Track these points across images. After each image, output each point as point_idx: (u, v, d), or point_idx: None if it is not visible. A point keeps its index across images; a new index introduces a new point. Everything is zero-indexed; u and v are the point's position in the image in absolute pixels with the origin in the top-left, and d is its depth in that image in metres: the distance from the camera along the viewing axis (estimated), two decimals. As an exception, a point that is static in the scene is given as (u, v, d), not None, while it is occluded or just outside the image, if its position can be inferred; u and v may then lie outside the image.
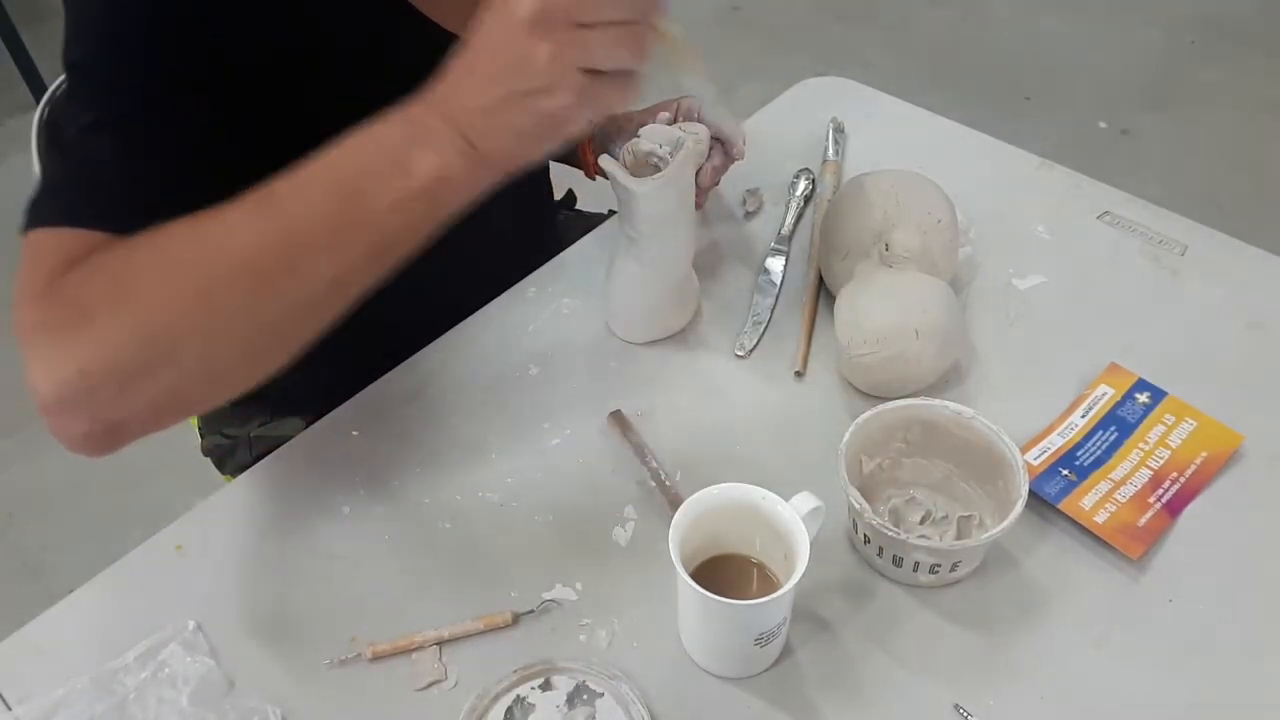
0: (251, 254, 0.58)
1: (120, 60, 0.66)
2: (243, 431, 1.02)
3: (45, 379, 0.58)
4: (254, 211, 0.58)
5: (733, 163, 0.94)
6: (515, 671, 0.69)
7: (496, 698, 0.68)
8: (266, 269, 0.58)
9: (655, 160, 0.82)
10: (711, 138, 0.93)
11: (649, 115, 0.94)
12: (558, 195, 1.23)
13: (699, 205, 0.90)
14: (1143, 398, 0.84)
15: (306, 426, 0.86)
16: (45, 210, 0.64)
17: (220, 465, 1.07)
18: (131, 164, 0.66)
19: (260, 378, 0.63)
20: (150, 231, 0.60)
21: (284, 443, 0.85)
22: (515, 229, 1.03)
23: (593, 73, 0.55)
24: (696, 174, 0.87)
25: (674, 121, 0.93)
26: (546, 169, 1.10)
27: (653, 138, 0.82)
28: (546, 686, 0.68)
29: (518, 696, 0.68)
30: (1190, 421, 0.82)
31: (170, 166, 0.67)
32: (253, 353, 0.62)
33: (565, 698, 0.68)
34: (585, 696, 0.68)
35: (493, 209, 0.96)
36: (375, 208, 0.58)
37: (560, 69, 0.55)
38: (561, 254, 1.00)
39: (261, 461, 0.84)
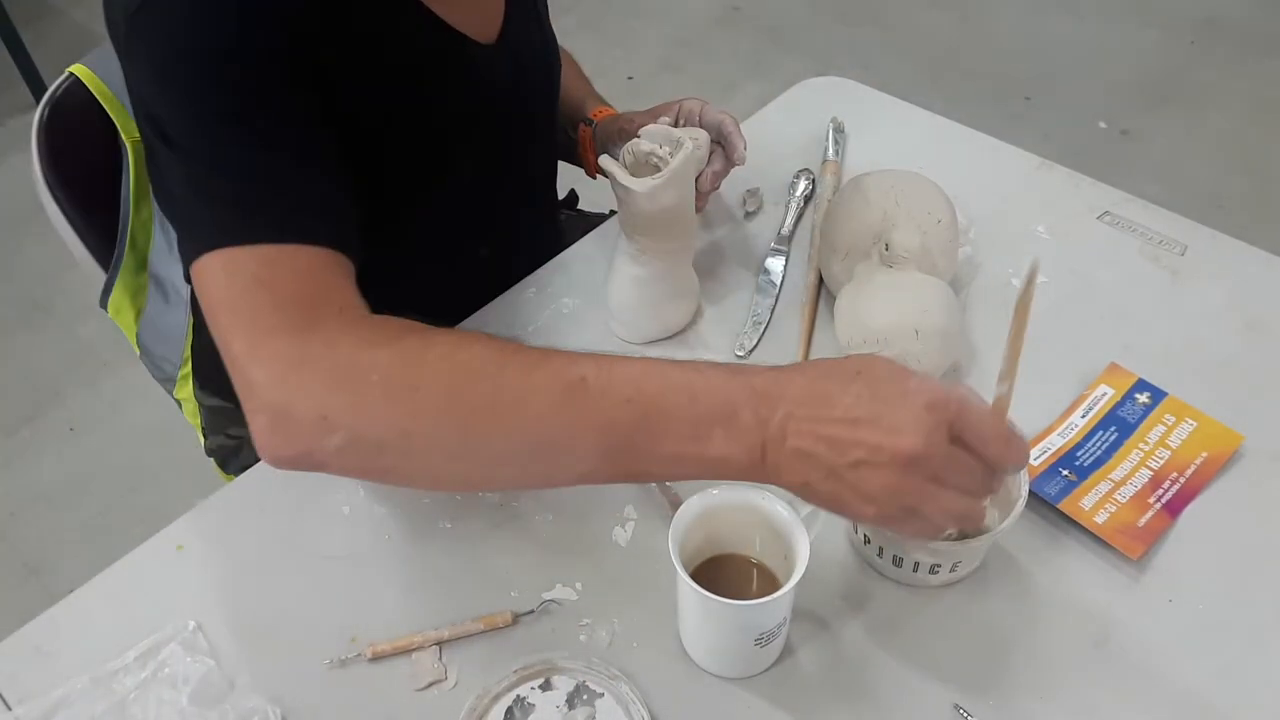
0: (534, 426, 0.59)
1: (242, 71, 0.67)
2: (246, 432, 1.02)
3: (286, 398, 0.60)
4: (560, 393, 0.59)
5: (733, 167, 0.94)
6: (515, 671, 0.69)
7: (496, 698, 0.68)
8: (537, 445, 0.60)
9: (655, 160, 0.82)
10: (712, 142, 0.93)
11: (649, 116, 0.95)
12: (560, 195, 1.23)
13: (699, 209, 0.90)
14: (1143, 398, 0.84)
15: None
16: (233, 229, 0.64)
17: (224, 465, 1.07)
18: (301, 180, 0.67)
19: (436, 490, 0.73)
20: (449, 333, 0.63)
21: (286, 444, 0.85)
22: (523, 229, 1.03)
23: (911, 510, 0.57)
24: (696, 178, 0.87)
25: (675, 124, 0.94)
26: (555, 171, 1.10)
27: (653, 138, 0.82)
28: (546, 686, 0.68)
29: (518, 696, 0.68)
30: (1190, 422, 0.82)
31: (326, 183, 0.69)
32: (473, 484, 0.70)
33: (565, 698, 0.68)
34: (585, 696, 0.68)
35: (495, 211, 0.96)
36: (657, 449, 0.59)
37: (890, 500, 0.56)
38: (561, 254, 1.00)
39: (262, 461, 0.84)
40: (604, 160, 0.82)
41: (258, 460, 0.91)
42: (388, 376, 0.60)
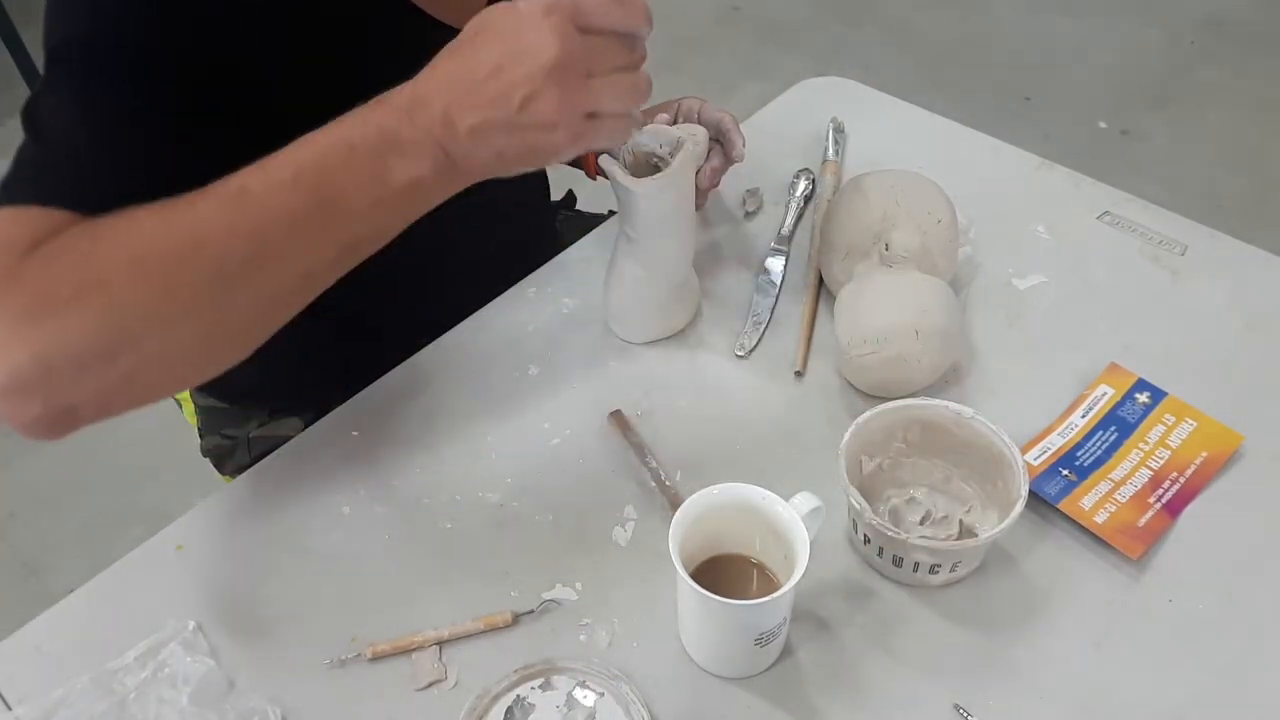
0: (221, 248, 0.58)
1: (103, 44, 0.65)
2: (242, 432, 1.03)
3: (1, 362, 0.56)
4: (226, 205, 0.58)
5: (732, 164, 0.94)
6: (515, 671, 0.69)
7: (496, 698, 0.68)
8: (236, 263, 0.58)
9: (655, 160, 0.82)
10: (711, 139, 0.93)
11: (648, 116, 0.95)
12: (558, 195, 1.23)
13: (699, 206, 0.90)
14: (1143, 398, 0.84)
15: (306, 427, 0.86)
16: (13, 189, 0.62)
17: (220, 466, 1.07)
18: (106, 147, 0.65)
19: (219, 369, 0.63)
20: (118, 216, 0.59)
21: (283, 443, 0.85)
22: (515, 230, 1.03)
23: (592, 115, 0.58)
24: (695, 175, 0.87)
25: (673, 122, 0.93)
26: (544, 171, 1.10)
27: (652, 137, 0.82)
28: (546, 686, 0.68)
29: (518, 696, 0.68)
30: (1190, 421, 0.82)
31: (145, 153, 0.67)
32: (214, 344, 0.62)
33: (565, 698, 0.68)
34: (585, 696, 0.68)
35: (494, 211, 0.96)
36: (349, 209, 0.59)
37: (567, 112, 0.57)
38: (561, 254, 1.00)
39: (261, 461, 0.84)
40: (604, 160, 0.81)
41: (253, 460, 0.92)
42: (74, 280, 0.57)
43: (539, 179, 1.07)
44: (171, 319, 0.58)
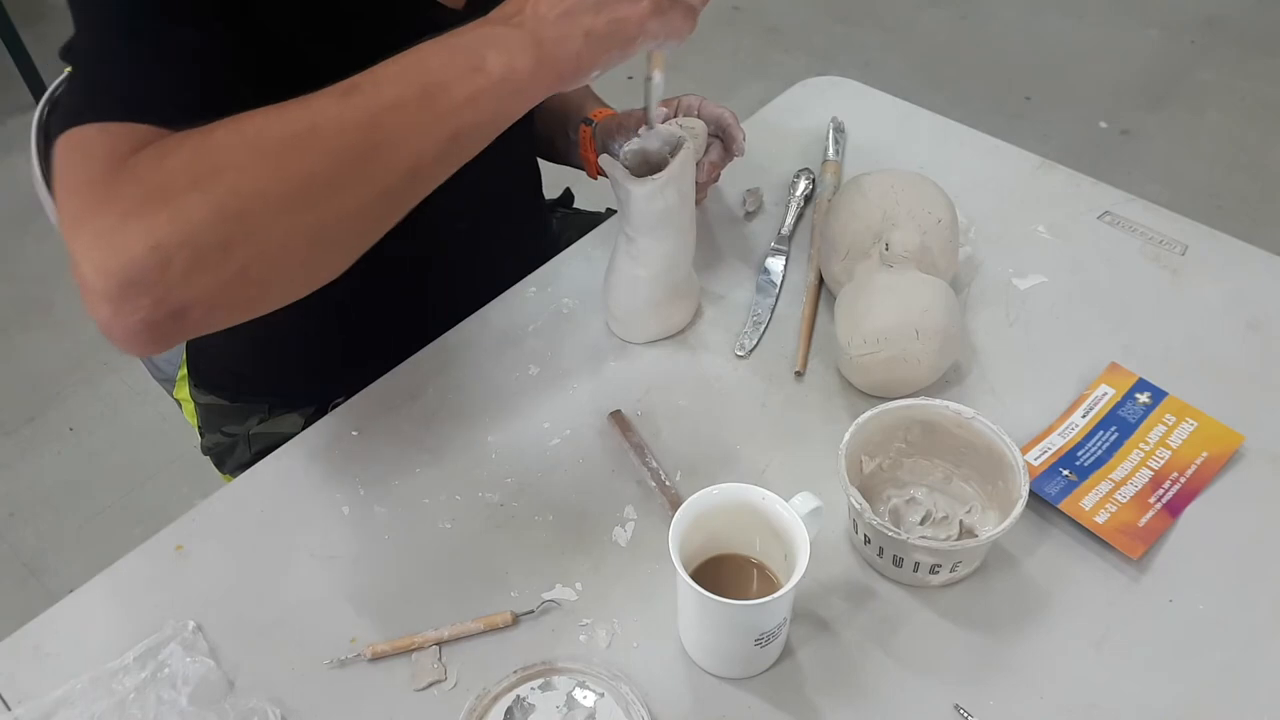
0: (337, 137, 0.59)
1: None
2: (242, 429, 1.03)
3: (109, 261, 0.55)
4: (338, 99, 0.60)
5: (732, 158, 0.94)
6: (515, 672, 0.69)
7: (496, 698, 0.68)
8: (351, 152, 0.59)
9: (655, 160, 0.82)
10: (711, 134, 0.93)
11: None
12: (555, 194, 1.23)
13: (698, 201, 0.90)
14: (1143, 398, 0.84)
15: (305, 424, 0.86)
16: (89, 109, 0.61)
17: (220, 464, 1.07)
18: (174, 71, 0.65)
19: (329, 275, 0.63)
20: (233, 117, 0.60)
21: (283, 440, 0.85)
22: (512, 230, 1.03)
23: None
24: (695, 171, 0.87)
25: (672, 117, 0.94)
26: (538, 173, 1.10)
27: (652, 137, 0.82)
28: (547, 687, 0.68)
29: (518, 697, 0.68)
30: (1190, 422, 0.82)
31: (202, 79, 0.66)
32: (328, 240, 0.62)
33: (565, 698, 0.68)
34: (585, 697, 0.68)
35: (487, 199, 0.96)
36: (452, 101, 0.61)
37: None
38: (561, 254, 1.00)
39: (261, 461, 0.84)
40: (604, 160, 0.82)
41: (254, 457, 0.91)
42: (191, 174, 0.57)
43: (534, 180, 1.07)
44: (289, 206, 0.58)
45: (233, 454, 1.04)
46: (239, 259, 0.57)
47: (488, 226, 0.97)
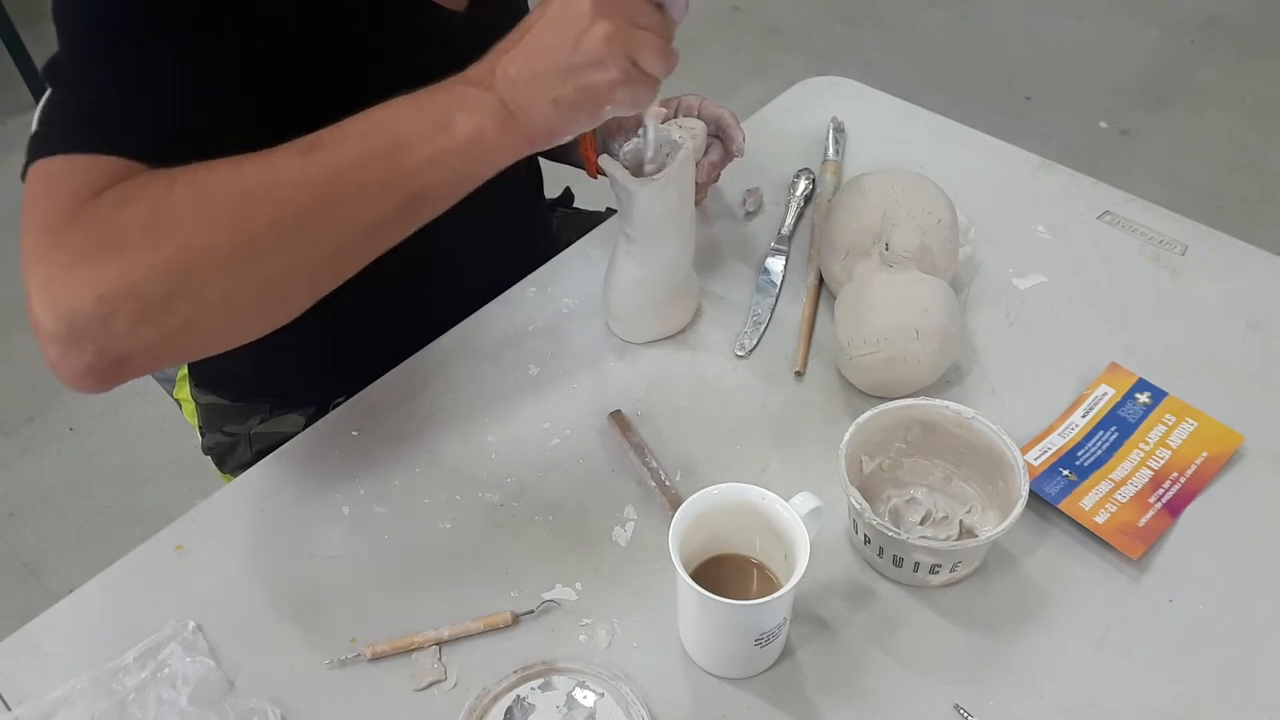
0: (293, 195, 0.59)
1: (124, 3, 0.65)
2: (243, 429, 1.03)
3: (58, 306, 0.56)
4: (297, 155, 0.60)
5: (732, 159, 0.94)
6: (515, 672, 0.69)
7: (496, 698, 0.68)
8: (306, 211, 0.59)
9: (655, 160, 0.82)
10: (710, 134, 0.93)
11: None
12: (555, 193, 1.23)
13: (698, 201, 0.90)
14: (1143, 398, 0.84)
15: (306, 423, 0.86)
16: (59, 139, 0.62)
17: (220, 463, 1.07)
18: (147, 96, 0.65)
19: (275, 325, 0.63)
20: (187, 167, 0.60)
21: (284, 440, 0.85)
22: (512, 229, 1.03)
23: (635, 64, 0.61)
24: (695, 171, 0.87)
25: (672, 117, 0.93)
26: (539, 174, 1.10)
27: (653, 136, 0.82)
28: (547, 687, 0.68)
29: (518, 697, 0.68)
30: (1190, 422, 0.82)
31: (181, 100, 0.66)
32: (276, 296, 0.62)
33: (565, 698, 0.68)
34: (585, 697, 0.68)
35: (487, 198, 0.96)
36: (415, 162, 0.61)
37: (614, 48, 0.60)
38: (561, 254, 1.00)
39: (261, 461, 0.84)
40: (604, 160, 0.82)
41: (255, 457, 0.91)
42: (145, 226, 0.57)
43: (535, 179, 1.07)
44: (237, 262, 0.58)
45: (234, 454, 1.04)
46: (183, 312, 0.58)
47: (488, 226, 0.97)
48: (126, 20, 0.65)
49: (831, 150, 1.08)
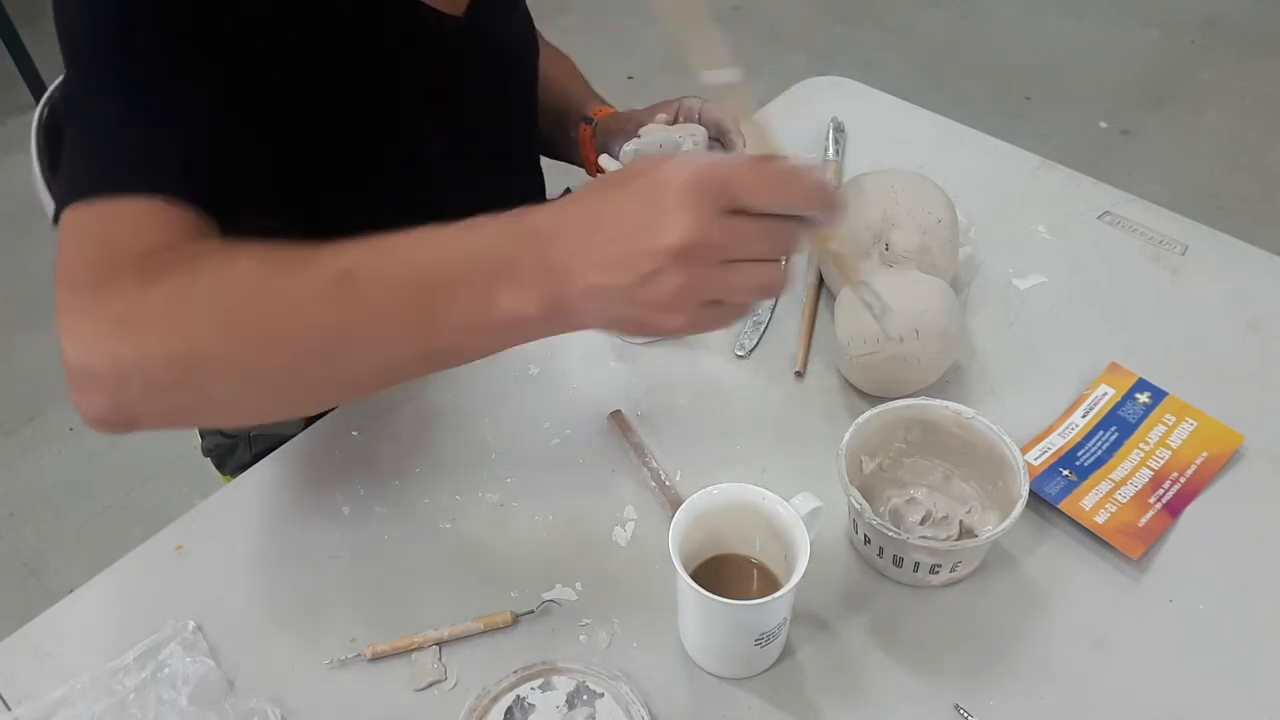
0: (313, 327, 0.57)
1: (135, 29, 0.65)
2: (242, 430, 1.03)
3: (81, 360, 0.58)
4: (327, 288, 0.57)
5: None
6: (515, 672, 0.69)
7: (496, 698, 0.68)
8: (323, 344, 0.58)
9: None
10: (710, 139, 0.93)
11: (649, 114, 0.95)
12: (555, 193, 1.23)
13: None
14: (1143, 398, 0.84)
15: (306, 424, 0.86)
16: (86, 182, 0.63)
17: (220, 465, 1.07)
18: (167, 127, 0.65)
19: (276, 419, 0.63)
20: (223, 255, 0.60)
21: (283, 440, 0.85)
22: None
23: (715, 302, 0.54)
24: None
25: (673, 121, 0.93)
26: (540, 169, 1.10)
27: (651, 137, 0.82)
28: (547, 687, 0.68)
29: (518, 697, 0.68)
30: (1190, 422, 0.82)
31: (202, 127, 0.67)
32: (279, 404, 0.62)
33: (565, 698, 0.68)
34: (585, 697, 0.68)
35: (494, 204, 0.96)
36: (446, 323, 0.56)
37: (686, 300, 0.53)
38: (562, 254, 1.00)
39: (261, 461, 0.84)
40: (604, 160, 0.82)
41: (254, 458, 0.92)
42: (164, 311, 0.58)
43: (535, 176, 1.08)
44: (244, 374, 0.59)
45: (233, 455, 1.04)
46: (186, 399, 0.60)
47: (502, 207, 0.98)
48: (137, 48, 0.65)
49: (831, 150, 1.08)
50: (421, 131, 0.85)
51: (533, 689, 0.68)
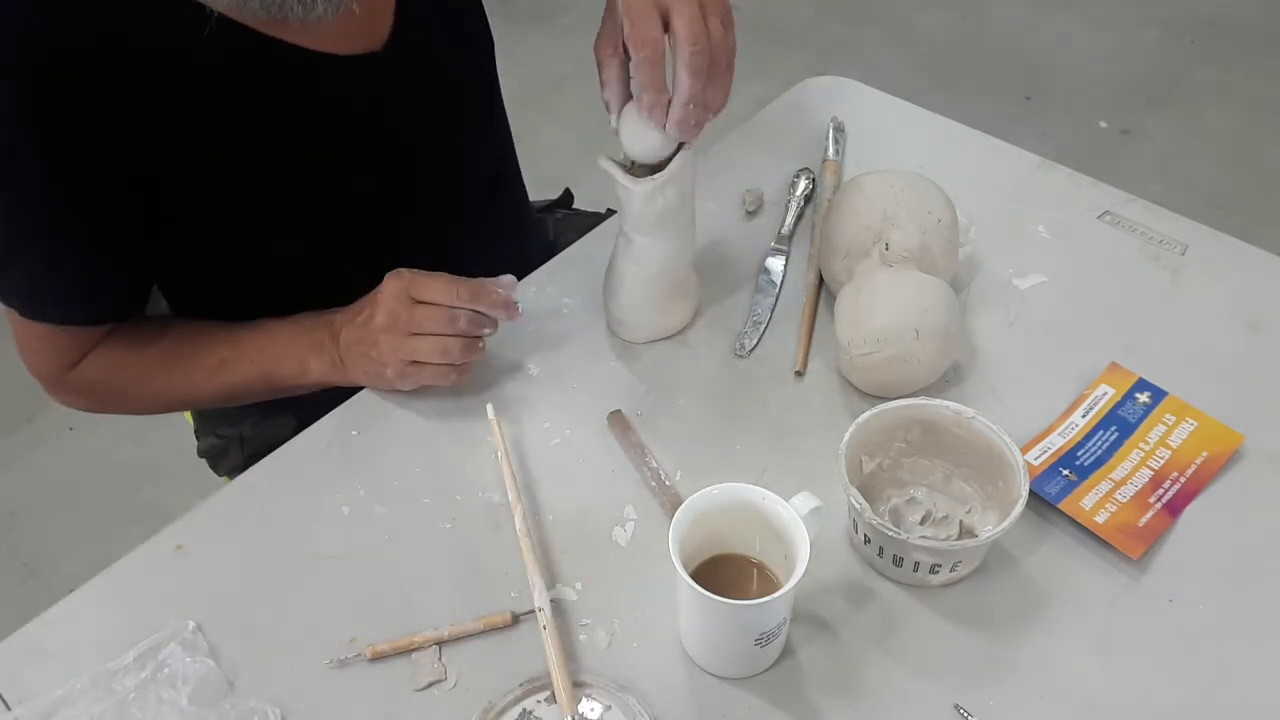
0: (203, 397, 0.92)
1: (18, 158, 0.73)
2: (235, 431, 1.03)
3: (57, 400, 0.94)
4: (210, 375, 0.88)
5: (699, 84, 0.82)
6: (521, 685, 0.68)
7: (502, 711, 0.67)
8: (204, 396, 0.92)
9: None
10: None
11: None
12: (555, 194, 1.23)
13: (692, 134, 0.80)
14: (1143, 398, 0.84)
15: (299, 425, 0.87)
16: (21, 305, 0.83)
17: (215, 466, 1.07)
18: (64, 273, 0.81)
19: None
20: (139, 351, 0.88)
21: (276, 443, 0.85)
22: (494, 216, 1.03)
23: (415, 362, 0.81)
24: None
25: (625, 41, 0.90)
26: (518, 174, 1.10)
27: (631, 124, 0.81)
28: (553, 700, 0.68)
29: (524, 710, 0.67)
30: (1190, 421, 0.82)
31: (102, 258, 0.82)
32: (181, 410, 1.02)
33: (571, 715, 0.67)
34: (592, 709, 0.67)
35: (465, 194, 0.98)
36: (281, 383, 0.89)
37: (392, 358, 0.81)
38: (561, 254, 1.00)
39: (261, 461, 0.84)
40: (603, 161, 0.81)
41: (247, 459, 0.92)
42: (101, 400, 0.94)
43: (509, 161, 1.07)
44: (158, 409, 0.98)
45: (226, 457, 1.05)
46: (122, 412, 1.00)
47: (469, 216, 0.98)
48: (14, 198, 0.76)
49: (831, 150, 1.08)
50: (350, 175, 0.87)
51: (539, 702, 0.68)
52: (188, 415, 1.10)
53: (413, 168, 0.92)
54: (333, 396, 0.87)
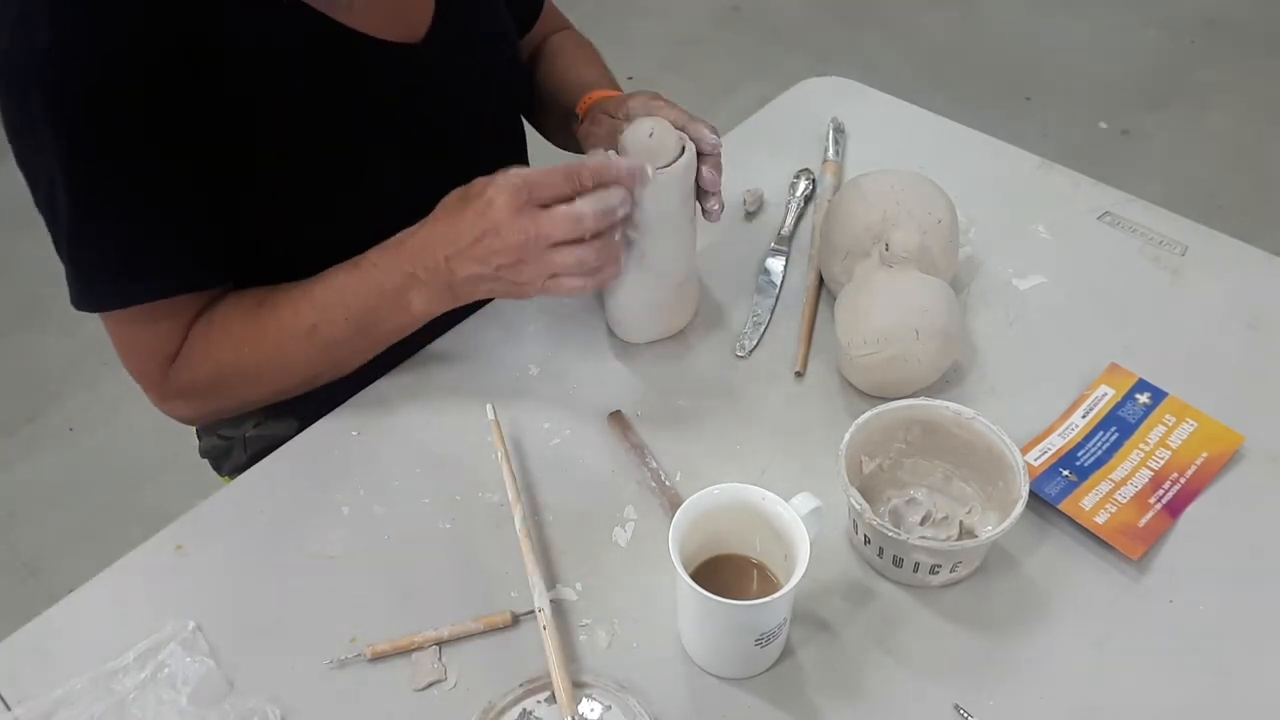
0: (301, 362, 0.85)
1: (103, 157, 0.75)
2: (237, 432, 1.03)
3: (167, 413, 0.92)
4: (301, 341, 0.83)
5: (718, 159, 0.89)
6: (521, 685, 0.68)
7: (502, 712, 0.67)
8: (309, 366, 0.86)
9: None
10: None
11: (619, 105, 0.91)
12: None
13: (715, 217, 0.86)
14: (1143, 398, 0.84)
15: (301, 427, 0.87)
16: (112, 292, 0.81)
17: (217, 467, 1.07)
18: (160, 236, 0.80)
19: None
20: (226, 337, 0.84)
21: (278, 443, 0.85)
22: None
23: (555, 275, 0.76)
24: (699, 181, 0.84)
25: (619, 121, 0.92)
26: (524, 151, 1.10)
27: (642, 127, 0.82)
28: (553, 700, 0.68)
29: (524, 710, 0.67)
30: (1191, 422, 0.82)
31: (192, 222, 0.81)
32: (298, 391, 0.89)
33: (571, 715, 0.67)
34: (592, 709, 0.67)
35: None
36: (383, 331, 0.84)
37: (533, 276, 0.76)
38: (562, 254, 1.00)
39: (261, 461, 0.84)
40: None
41: (249, 460, 0.92)
42: (206, 385, 0.87)
43: (522, 154, 1.08)
44: (268, 398, 0.90)
45: (229, 457, 1.04)
46: (228, 412, 0.96)
47: None
48: (106, 173, 0.76)
49: (831, 150, 1.08)
50: (381, 162, 0.88)
51: (539, 702, 0.68)
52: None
53: (443, 155, 0.92)
54: (333, 397, 0.87)
